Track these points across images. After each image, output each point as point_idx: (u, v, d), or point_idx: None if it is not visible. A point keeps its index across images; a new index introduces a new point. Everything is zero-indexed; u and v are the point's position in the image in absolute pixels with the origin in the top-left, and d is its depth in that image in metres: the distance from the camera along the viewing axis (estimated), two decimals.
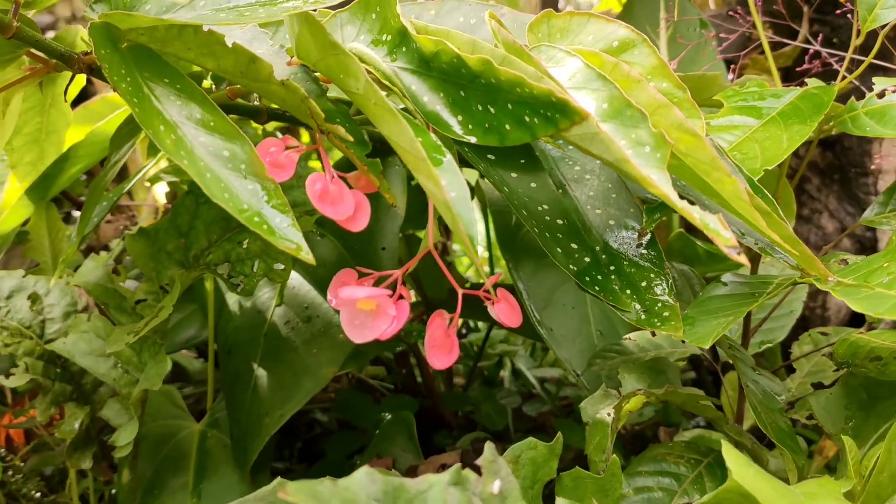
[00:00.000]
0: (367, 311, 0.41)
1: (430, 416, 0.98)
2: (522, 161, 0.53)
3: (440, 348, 0.42)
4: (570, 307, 0.69)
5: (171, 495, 0.72)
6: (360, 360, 0.76)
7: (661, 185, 0.36)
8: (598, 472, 0.49)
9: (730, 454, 0.36)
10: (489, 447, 0.35)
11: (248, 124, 0.69)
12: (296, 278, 0.74)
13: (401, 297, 0.42)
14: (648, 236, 0.50)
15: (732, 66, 0.86)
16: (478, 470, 0.36)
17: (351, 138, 0.41)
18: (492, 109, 0.41)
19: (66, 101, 0.58)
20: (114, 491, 0.80)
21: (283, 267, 0.62)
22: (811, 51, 0.71)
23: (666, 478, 0.54)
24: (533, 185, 0.52)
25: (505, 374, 1.17)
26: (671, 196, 0.35)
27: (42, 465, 0.79)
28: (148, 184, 0.93)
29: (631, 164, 0.35)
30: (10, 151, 0.63)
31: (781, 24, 0.89)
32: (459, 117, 0.43)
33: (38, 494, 0.80)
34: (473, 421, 1.01)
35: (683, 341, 0.64)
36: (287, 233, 0.39)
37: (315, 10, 0.49)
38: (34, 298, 0.68)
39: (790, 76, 0.96)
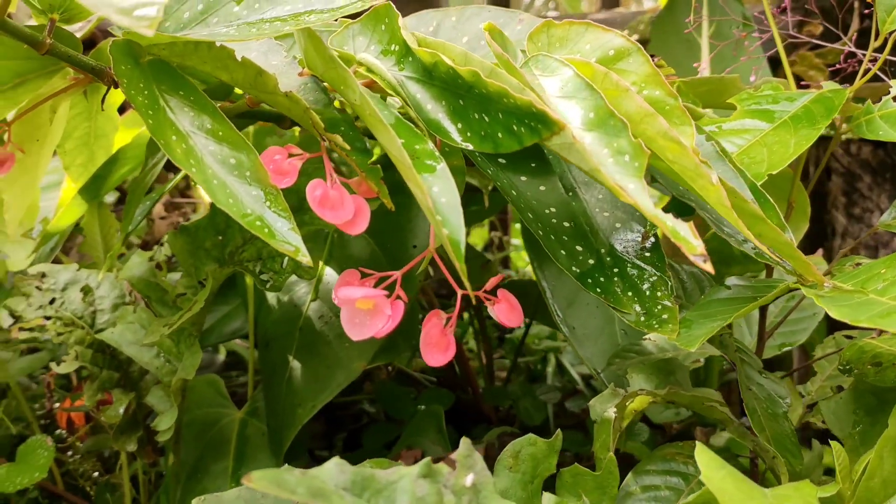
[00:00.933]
0: (365, 310, 0.44)
1: (470, 410, 1.00)
2: (533, 165, 0.54)
3: (435, 346, 0.44)
4: (594, 306, 0.70)
5: (212, 480, 0.76)
6: (392, 354, 0.79)
7: (636, 194, 0.37)
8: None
9: (702, 455, 0.37)
10: (464, 442, 0.37)
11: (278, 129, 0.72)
12: (331, 274, 0.77)
13: (398, 297, 0.44)
14: (652, 239, 0.51)
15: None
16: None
17: (347, 146, 0.43)
18: (486, 118, 0.43)
19: (103, 109, 0.62)
20: (164, 473, 0.84)
21: (311, 264, 0.64)
22: (846, 50, 0.70)
23: (674, 477, 0.55)
24: (542, 188, 0.54)
25: (549, 370, 1.18)
26: (643, 205, 0.36)
27: (97, 447, 0.84)
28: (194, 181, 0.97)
29: (602, 173, 0.37)
30: (63, 154, 0.68)
31: (828, 20, 0.88)
32: (459, 125, 0.45)
33: (96, 474, 0.86)
34: (514, 416, 1.02)
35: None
36: (287, 236, 0.41)
37: (335, 20, 0.51)
38: (86, 291, 0.72)
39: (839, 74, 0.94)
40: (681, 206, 0.51)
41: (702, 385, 0.88)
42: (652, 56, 0.50)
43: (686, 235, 0.35)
